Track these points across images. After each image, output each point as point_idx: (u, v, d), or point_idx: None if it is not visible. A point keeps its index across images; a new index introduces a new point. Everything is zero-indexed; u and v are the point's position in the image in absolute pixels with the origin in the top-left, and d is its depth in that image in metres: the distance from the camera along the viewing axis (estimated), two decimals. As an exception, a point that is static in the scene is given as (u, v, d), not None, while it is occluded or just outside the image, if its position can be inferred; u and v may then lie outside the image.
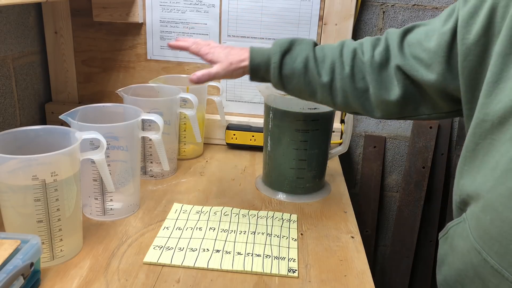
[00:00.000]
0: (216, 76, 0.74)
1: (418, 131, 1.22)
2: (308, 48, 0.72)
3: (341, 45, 0.73)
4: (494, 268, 0.52)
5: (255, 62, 0.73)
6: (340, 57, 0.71)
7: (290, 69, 0.72)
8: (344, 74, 0.70)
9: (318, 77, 0.71)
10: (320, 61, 0.72)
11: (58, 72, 1.18)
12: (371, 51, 0.70)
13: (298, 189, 0.91)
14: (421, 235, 1.29)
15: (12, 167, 0.61)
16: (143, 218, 0.81)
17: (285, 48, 0.72)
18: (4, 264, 0.54)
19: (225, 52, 0.75)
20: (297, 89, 0.74)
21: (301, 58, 0.72)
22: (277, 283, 0.66)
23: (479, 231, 0.54)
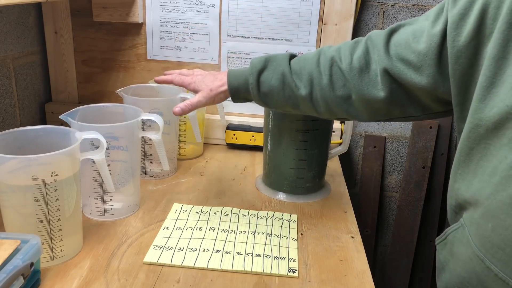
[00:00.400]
0: (199, 105, 0.76)
1: (418, 131, 1.22)
2: (284, 63, 0.73)
3: (318, 54, 0.73)
4: (498, 276, 0.51)
5: (234, 85, 0.75)
6: (317, 67, 0.71)
7: (268, 87, 0.73)
8: (323, 84, 0.70)
9: (296, 90, 0.72)
10: (297, 74, 0.72)
11: (58, 72, 1.18)
12: (349, 57, 0.69)
13: (298, 189, 0.91)
14: (421, 235, 1.29)
15: (12, 167, 0.61)
16: (143, 218, 0.81)
17: (260, 67, 0.73)
18: (4, 264, 0.54)
19: (206, 79, 0.78)
20: (279, 104, 0.75)
21: (277, 75, 0.73)
22: (277, 283, 0.66)
23: (481, 238, 0.54)
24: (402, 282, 1.32)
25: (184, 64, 1.16)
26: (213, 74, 0.79)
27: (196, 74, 0.80)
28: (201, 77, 0.79)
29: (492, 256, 0.52)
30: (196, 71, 0.81)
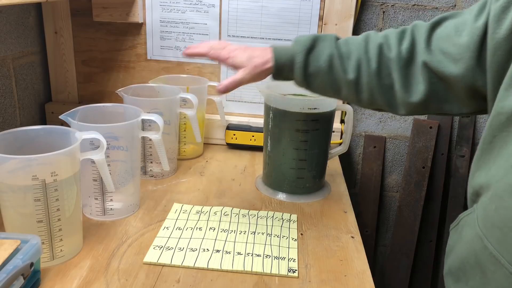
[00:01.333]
0: (243, 82, 0.72)
1: (418, 131, 1.22)
2: (332, 44, 0.71)
3: (366, 39, 0.71)
4: (492, 254, 0.53)
5: (279, 62, 0.71)
6: (365, 53, 0.69)
7: (314, 67, 0.70)
8: (371, 71, 0.68)
9: (343, 74, 0.69)
10: (345, 57, 0.70)
11: (58, 72, 1.18)
12: (398, 47, 0.68)
13: (298, 189, 0.91)
14: (421, 235, 1.29)
15: (12, 167, 0.61)
16: (143, 218, 0.81)
17: (308, 46, 0.70)
18: (4, 264, 0.54)
19: (247, 55, 0.72)
20: (322, 87, 0.72)
21: (325, 56, 0.70)
22: (277, 283, 0.66)
23: (484, 219, 0.55)
24: (402, 282, 1.32)
25: (184, 64, 1.16)
26: (251, 49, 0.74)
27: (232, 49, 0.74)
28: (240, 51, 0.73)
29: (491, 235, 0.53)
30: (227, 44, 0.76)
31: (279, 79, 0.74)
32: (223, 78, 1.16)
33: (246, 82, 0.72)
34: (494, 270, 0.53)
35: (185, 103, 0.98)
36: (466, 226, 0.60)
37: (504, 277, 0.51)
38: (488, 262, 0.54)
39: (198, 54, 0.76)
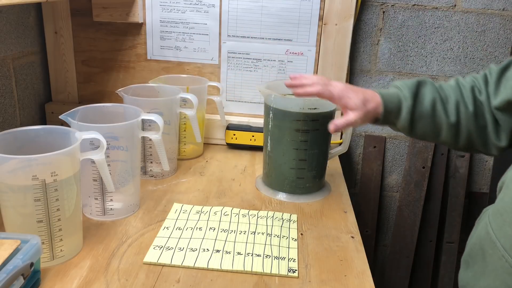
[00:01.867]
0: (355, 124, 0.73)
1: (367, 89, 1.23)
2: (434, 89, 0.73)
3: (458, 83, 0.74)
4: (491, 239, 0.57)
5: (388, 108, 0.73)
6: (461, 96, 0.72)
7: (420, 111, 0.72)
8: (469, 113, 0.71)
9: (445, 117, 0.72)
10: (445, 101, 0.72)
11: (58, 72, 1.18)
12: (485, 90, 0.71)
13: (298, 189, 0.91)
14: (421, 235, 1.29)
15: (12, 167, 0.61)
16: (143, 218, 0.81)
17: (415, 91, 0.73)
18: (4, 264, 0.54)
19: (361, 97, 0.73)
20: (423, 131, 0.74)
21: (428, 99, 0.72)
22: (277, 283, 0.66)
23: (493, 208, 0.59)
24: (402, 282, 1.32)
25: (184, 64, 1.16)
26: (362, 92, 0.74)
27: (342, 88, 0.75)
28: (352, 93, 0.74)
29: (493, 221, 0.58)
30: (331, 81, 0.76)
31: (382, 124, 0.75)
32: (223, 79, 1.16)
33: (358, 124, 0.73)
34: (492, 253, 0.58)
35: (185, 103, 0.98)
36: (483, 217, 0.64)
37: (497, 259, 0.56)
38: (488, 246, 0.57)
39: (309, 94, 0.76)
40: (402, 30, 1.17)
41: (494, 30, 1.15)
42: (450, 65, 1.19)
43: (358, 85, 1.22)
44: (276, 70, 1.15)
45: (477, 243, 0.62)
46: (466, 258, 0.65)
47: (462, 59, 1.19)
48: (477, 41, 1.17)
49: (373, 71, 1.21)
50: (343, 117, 0.73)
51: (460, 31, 1.16)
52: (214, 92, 1.14)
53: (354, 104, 0.72)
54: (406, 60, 1.20)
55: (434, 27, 1.16)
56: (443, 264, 1.30)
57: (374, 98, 0.73)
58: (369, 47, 1.19)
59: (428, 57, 1.19)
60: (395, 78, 1.21)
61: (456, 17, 1.15)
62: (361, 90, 0.75)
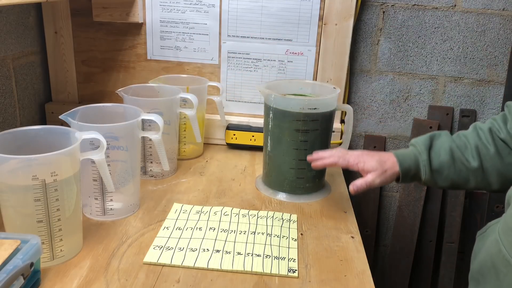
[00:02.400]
0: (373, 184, 0.76)
1: (418, 131, 1.22)
2: (449, 139, 0.76)
3: (475, 129, 0.77)
4: (505, 257, 0.55)
5: (405, 166, 0.76)
6: (479, 139, 0.74)
7: (438, 163, 0.75)
8: (491, 154, 0.73)
9: (467, 163, 0.74)
10: (463, 148, 0.75)
11: (58, 72, 1.18)
12: (505, 128, 0.73)
13: (298, 189, 0.91)
14: (421, 235, 1.29)
15: (12, 167, 0.61)
16: (143, 218, 0.81)
17: (428, 144, 0.76)
18: (4, 264, 0.54)
19: (376, 159, 0.77)
20: (449, 180, 0.75)
21: (445, 150, 0.75)
22: (277, 283, 0.66)
23: (503, 224, 0.59)
24: (402, 282, 1.32)
25: (184, 64, 1.16)
26: (378, 154, 0.79)
27: (358, 154, 0.79)
28: (366, 157, 0.78)
29: (505, 238, 0.57)
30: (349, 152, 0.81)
31: (404, 182, 0.78)
32: (223, 79, 1.16)
33: (377, 184, 0.76)
34: (506, 272, 0.55)
35: (185, 103, 0.98)
36: (491, 233, 0.63)
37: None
38: (501, 264, 0.56)
39: (326, 165, 0.81)
40: (402, 30, 1.17)
41: (494, 30, 1.15)
42: (450, 65, 1.19)
43: (358, 85, 1.22)
44: (276, 70, 1.15)
45: (488, 260, 0.61)
46: (476, 276, 0.64)
47: (462, 59, 1.19)
48: (477, 41, 1.17)
49: (373, 71, 1.21)
50: (362, 178, 0.76)
51: (460, 31, 1.16)
52: (214, 92, 1.14)
53: (370, 166, 0.76)
54: (406, 60, 1.20)
55: (434, 27, 1.16)
56: (443, 264, 1.29)
57: (390, 158, 0.77)
58: (369, 47, 1.19)
59: (428, 57, 1.19)
60: (395, 78, 1.21)
61: (456, 17, 1.15)
62: (377, 153, 0.79)
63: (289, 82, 0.99)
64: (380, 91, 1.23)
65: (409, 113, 1.24)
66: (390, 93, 1.23)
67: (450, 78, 1.20)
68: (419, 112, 1.24)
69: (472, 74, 1.20)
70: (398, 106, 1.24)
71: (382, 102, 1.24)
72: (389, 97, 1.23)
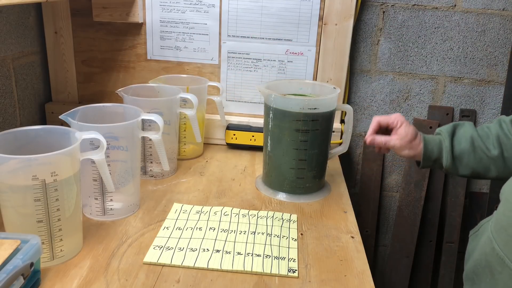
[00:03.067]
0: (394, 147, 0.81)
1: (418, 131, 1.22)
2: (471, 128, 0.79)
3: (498, 121, 0.79)
4: (499, 255, 0.56)
5: (429, 148, 0.80)
6: (502, 130, 0.77)
7: (459, 149, 0.78)
8: (510, 142, 0.75)
9: (488, 151, 0.76)
10: (485, 137, 0.77)
11: (58, 72, 1.18)
12: None
13: (298, 189, 0.91)
14: (421, 235, 1.29)
15: (12, 167, 0.61)
16: (143, 218, 0.81)
17: (451, 131, 0.79)
18: (4, 264, 0.54)
19: (412, 128, 0.82)
20: (470, 168, 0.78)
21: (466, 138, 0.78)
22: (277, 283, 0.66)
23: (495, 222, 0.59)
24: (402, 282, 1.32)
25: (184, 64, 1.16)
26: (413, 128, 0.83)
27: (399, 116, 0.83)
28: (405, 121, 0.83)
29: (498, 236, 0.57)
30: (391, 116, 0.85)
31: (426, 166, 0.82)
32: (223, 79, 1.16)
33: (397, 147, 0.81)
34: (501, 270, 0.55)
35: (185, 103, 0.98)
36: (483, 232, 0.63)
37: (509, 277, 0.53)
38: (496, 263, 0.56)
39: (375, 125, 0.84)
40: (402, 30, 1.17)
41: (494, 30, 1.15)
42: (450, 65, 1.19)
43: (358, 85, 1.22)
44: (276, 70, 1.15)
45: (482, 259, 0.61)
46: (471, 276, 0.64)
47: (462, 59, 1.19)
48: (477, 41, 1.17)
49: (373, 71, 1.21)
50: (386, 136, 0.80)
51: (460, 31, 1.16)
52: (214, 92, 1.14)
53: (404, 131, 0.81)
54: (406, 60, 1.20)
55: (434, 27, 1.16)
56: (443, 264, 1.29)
57: (420, 137, 0.82)
58: (369, 47, 1.19)
59: (428, 57, 1.19)
60: (395, 78, 1.21)
61: (456, 17, 1.15)
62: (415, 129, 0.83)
63: (289, 82, 0.99)
64: (380, 91, 1.23)
65: (409, 113, 1.24)
66: (390, 93, 1.23)
67: (450, 78, 1.20)
68: (419, 112, 1.24)
69: (472, 74, 1.20)
70: (398, 106, 1.24)
71: (382, 102, 1.24)
72: (389, 97, 1.23)
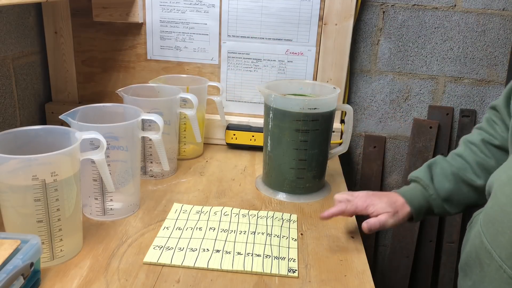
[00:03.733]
0: (386, 225, 0.73)
1: (418, 131, 1.22)
2: (446, 164, 0.75)
3: (466, 145, 0.75)
4: (487, 249, 0.56)
5: (416, 204, 0.75)
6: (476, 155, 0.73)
7: (445, 191, 0.74)
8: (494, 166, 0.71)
9: (473, 182, 0.73)
10: (463, 169, 0.74)
11: (58, 72, 1.18)
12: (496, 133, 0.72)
13: (298, 189, 0.91)
14: (421, 235, 1.29)
15: (12, 167, 0.61)
16: (143, 218, 0.81)
17: (429, 176, 0.75)
18: (4, 264, 0.54)
19: (386, 200, 0.75)
20: (462, 204, 0.75)
21: (447, 176, 0.74)
22: (277, 283, 0.66)
23: (484, 216, 0.59)
24: (402, 282, 1.32)
25: (184, 64, 1.16)
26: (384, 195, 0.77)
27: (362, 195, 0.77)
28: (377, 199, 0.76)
29: (486, 230, 0.57)
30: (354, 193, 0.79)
31: (419, 219, 0.77)
32: (223, 79, 1.16)
33: (390, 225, 0.74)
34: (489, 263, 0.57)
35: (185, 103, 0.98)
36: (475, 224, 0.63)
37: (495, 270, 0.55)
38: (484, 256, 0.57)
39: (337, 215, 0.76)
40: (402, 30, 1.17)
41: (494, 30, 1.15)
42: (450, 65, 1.19)
43: (358, 85, 1.22)
44: (276, 70, 1.15)
45: (472, 251, 0.61)
46: (464, 267, 0.64)
47: (462, 59, 1.19)
48: (477, 41, 1.17)
49: (373, 71, 1.21)
50: (376, 217, 0.73)
51: (460, 31, 1.16)
52: (214, 92, 1.14)
53: (381, 208, 0.74)
54: (406, 60, 1.20)
55: (434, 27, 1.16)
56: (443, 264, 1.30)
57: (398, 199, 0.75)
58: (369, 47, 1.19)
59: (428, 57, 1.19)
60: (395, 78, 1.21)
61: (456, 17, 1.15)
62: (383, 194, 0.77)
63: (289, 82, 0.99)
64: (380, 91, 1.23)
65: (409, 113, 1.24)
66: (390, 93, 1.23)
67: (450, 78, 1.20)
68: (419, 112, 1.24)
69: (472, 74, 1.20)
70: (398, 106, 1.24)
71: (382, 102, 1.24)
72: (389, 97, 1.23)
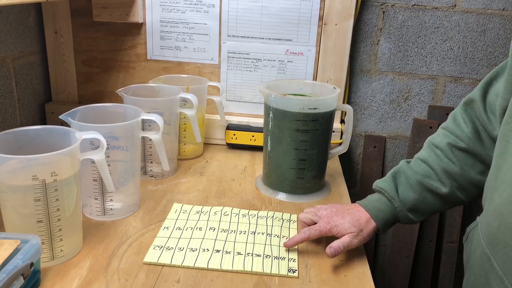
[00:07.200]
0: (351, 246, 0.71)
1: (418, 131, 1.22)
2: (410, 172, 0.73)
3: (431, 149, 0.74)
4: (498, 275, 0.52)
5: (381, 218, 0.73)
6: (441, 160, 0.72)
7: (410, 202, 0.73)
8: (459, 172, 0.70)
9: (438, 190, 0.72)
10: (427, 176, 0.72)
11: (58, 72, 1.18)
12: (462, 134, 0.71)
13: (298, 189, 0.91)
14: (421, 235, 1.29)
15: (12, 167, 0.61)
16: (143, 218, 0.81)
17: (394, 187, 0.73)
18: (4, 264, 0.54)
19: (348, 219, 0.72)
20: (428, 213, 0.74)
21: (411, 185, 0.73)
22: (277, 283, 0.66)
23: (489, 236, 0.55)
24: (402, 282, 1.32)
25: (184, 64, 1.16)
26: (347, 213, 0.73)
27: (325, 215, 0.74)
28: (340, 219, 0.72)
29: (496, 254, 0.53)
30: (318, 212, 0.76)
31: (386, 231, 0.75)
32: (223, 79, 1.16)
33: (355, 245, 0.71)
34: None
35: (185, 103, 0.98)
36: (474, 241, 0.60)
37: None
38: (495, 282, 0.53)
39: (299, 242, 0.73)
40: (402, 30, 1.17)
41: (494, 30, 1.15)
42: (450, 65, 1.19)
43: (358, 85, 1.22)
44: (276, 70, 1.15)
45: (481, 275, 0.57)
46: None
47: (462, 59, 1.19)
48: (477, 41, 1.17)
49: (373, 71, 1.21)
50: (339, 240, 0.70)
51: (460, 31, 1.16)
52: (214, 92, 1.14)
53: (344, 229, 0.71)
54: (406, 60, 1.20)
55: (434, 27, 1.16)
56: (443, 264, 1.29)
57: (362, 215, 0.73)
58: (369, 47, 1.19)
59: (428, 57, 1.19)
60: (395, 78, 1.21)
61: (456, 17, 1.15)
62: (346, 210, 0.74)
63: (289, 82, 0.99)
64: (380, 91, 1.23)
65: (409, 113, 1.24)
66: (390, 93, 1.23)
67: (450, 78, 1.20)
68: (419, 112, 1.24)
69: (472, 74, 1.20)
70: (398, 106, 1.24)
71: (382, 102, 1.24)
72: (389, 97, 1.23)
